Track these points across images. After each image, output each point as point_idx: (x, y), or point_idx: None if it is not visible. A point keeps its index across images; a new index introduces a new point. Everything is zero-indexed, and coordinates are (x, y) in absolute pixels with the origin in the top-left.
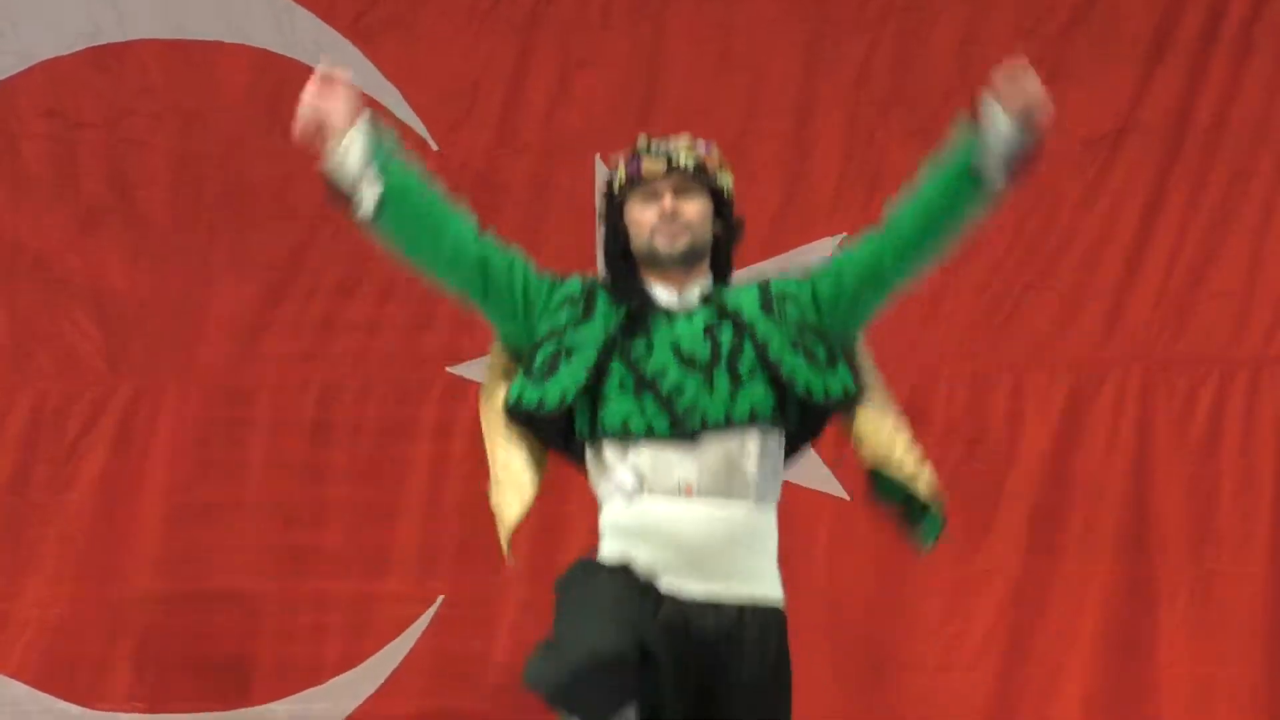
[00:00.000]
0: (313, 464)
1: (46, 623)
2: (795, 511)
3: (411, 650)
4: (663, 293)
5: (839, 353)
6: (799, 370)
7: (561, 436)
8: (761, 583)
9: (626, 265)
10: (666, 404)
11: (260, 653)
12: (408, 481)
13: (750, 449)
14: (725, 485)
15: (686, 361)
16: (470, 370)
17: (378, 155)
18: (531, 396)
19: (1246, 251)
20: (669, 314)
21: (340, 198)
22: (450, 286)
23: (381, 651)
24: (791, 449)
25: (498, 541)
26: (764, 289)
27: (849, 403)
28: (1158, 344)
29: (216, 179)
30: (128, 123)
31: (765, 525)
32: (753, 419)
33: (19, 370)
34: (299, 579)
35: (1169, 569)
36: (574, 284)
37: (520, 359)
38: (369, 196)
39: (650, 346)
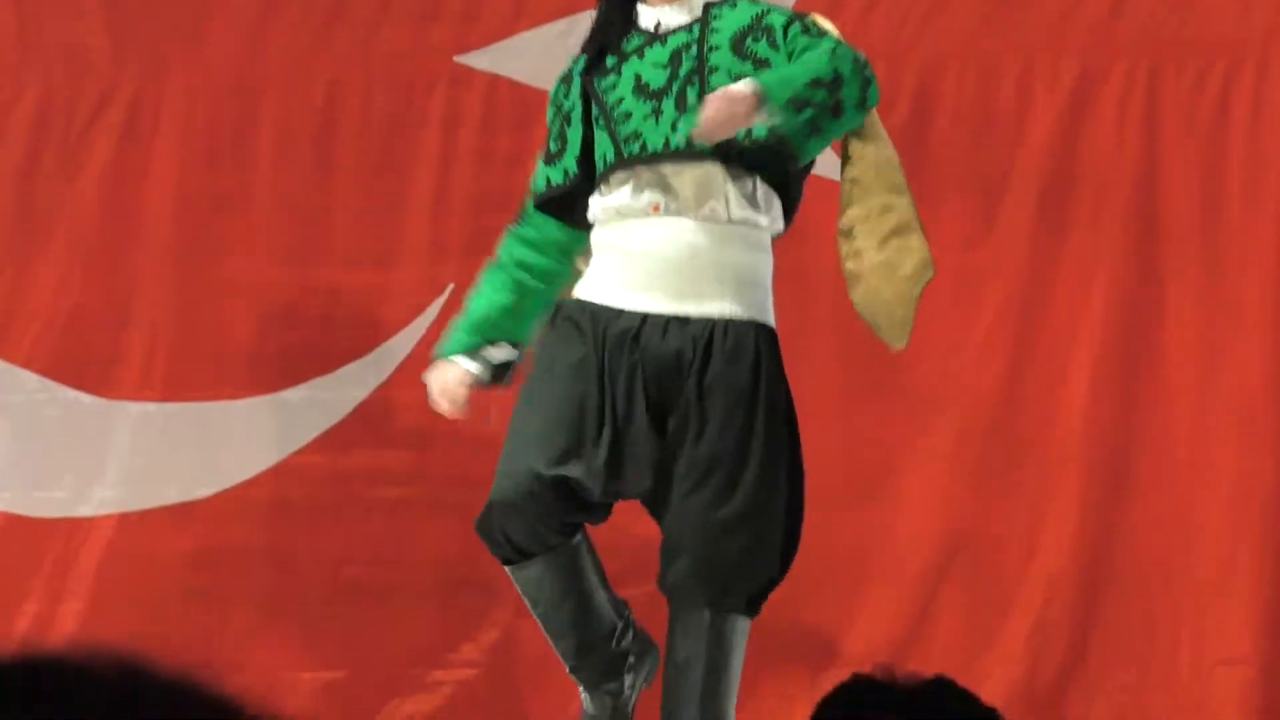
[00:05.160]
0: (320, 156)
1: (57, 314)
2: (807, 231)
3: (420, 339)
4: (648, 14)
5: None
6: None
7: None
8: (738, 305)
9: None
10: (612, 132)
11: (270, 342)
12: (416, 172)
13: (718, 177)
14: (693, 207)
15: (640, 89)
16: (477, 60)
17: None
18: (556, 174)
19: None
20: (647, 40)
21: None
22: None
23: (390, 340)
24: (783, 197)
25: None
26: (757, 18)
27: (775, 151)
28: (1165, 29)
29: None
30: None
31: (744, 253)
32: (689, 147)
33: (25, 65)
34: (308, 269)
35: (1177, 249)
36: (562, 71)
37: None
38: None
39: (619, 77)
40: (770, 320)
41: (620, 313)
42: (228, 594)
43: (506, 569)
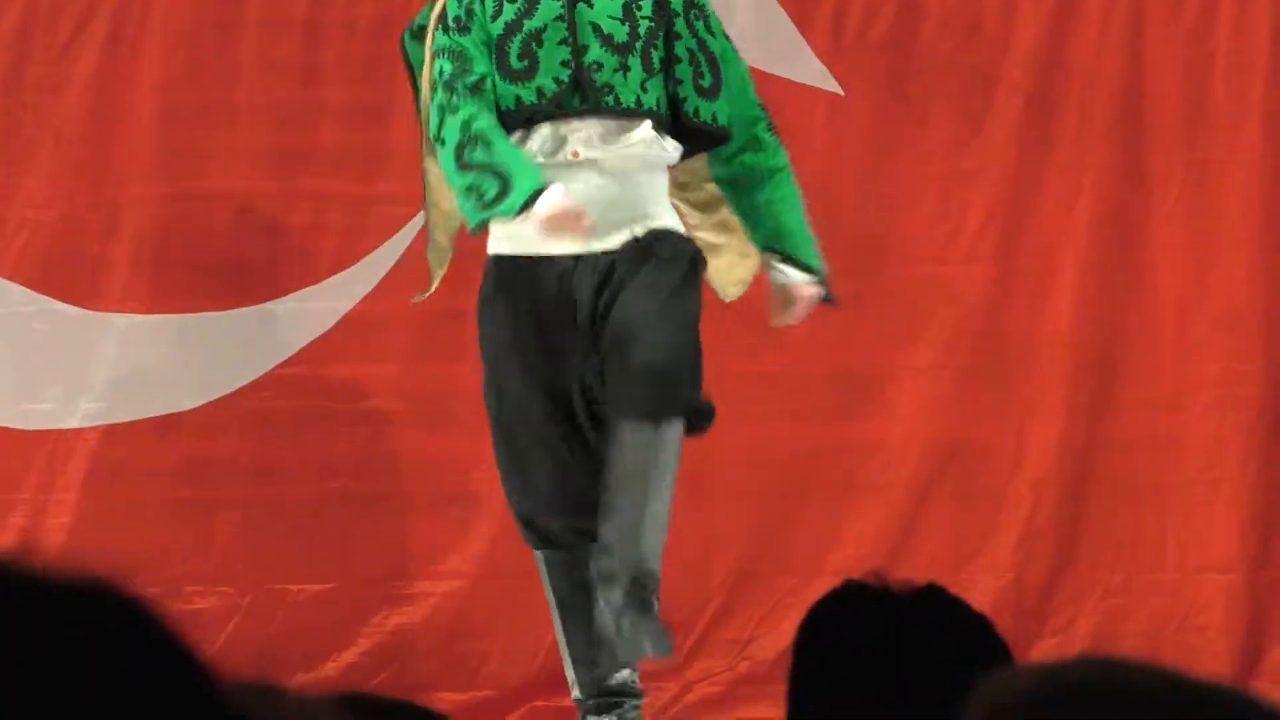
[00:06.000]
0: (305, 65)
1: (42, 224)
2: (788, 107)
3: (407, 250)
4: None
5: (722, 85)
6: (686, 83)
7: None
8: (650, 221)
9: None
10: (586, 80)
11: (256, 253)
12: (401, 81)
13: (641, 126)
14: (610, 152)
15: (606, 40)
16: None
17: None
18: (528, 94)
19: None
20: None
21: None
22: None
23: (377, 251)
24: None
25: None
26: None
27: (715, 135)
28: None
29: None
30: None
31: (650, 176)
32: (657, 109)
33: None
34: (294, 179)
35: (1163, 154)
36: None
37: None
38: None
39: (574, 25)
40: (679, 225)
41: (552, 259)
42: (214, 506)
43: (537, 554)
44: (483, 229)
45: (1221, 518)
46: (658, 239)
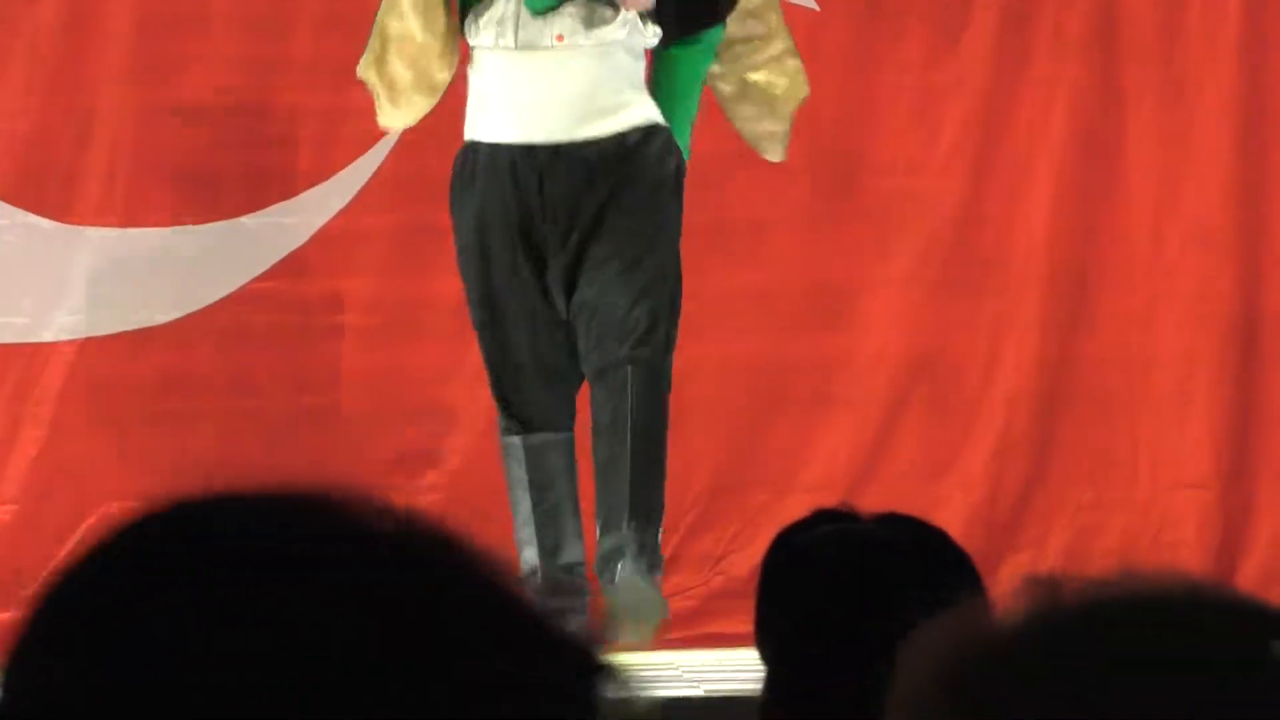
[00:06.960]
0: None
1: (16, 136)
2: None
3: (382, 164)
4: None
5: None
6: None
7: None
8: (636, 112)
9: None
10: None
11: (231, 166)
12: None
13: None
14: (594, 36)
15: None
16: None
17: None
18: None
19: None
20: None
21: None
22: None
23: (352, 165)
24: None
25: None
26: None
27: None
28: None
29: None
30: None
31: (632, 63)
32: None
33: None
34: (268, 91)
35: (1138, 71)
36: None
37: None
38: None
39: None
40: (660, 117)
41: (531, 148)
42: (189, 419)
43: (517, 440)
44: None
45: (1194, 434)
46: (639, 149)
